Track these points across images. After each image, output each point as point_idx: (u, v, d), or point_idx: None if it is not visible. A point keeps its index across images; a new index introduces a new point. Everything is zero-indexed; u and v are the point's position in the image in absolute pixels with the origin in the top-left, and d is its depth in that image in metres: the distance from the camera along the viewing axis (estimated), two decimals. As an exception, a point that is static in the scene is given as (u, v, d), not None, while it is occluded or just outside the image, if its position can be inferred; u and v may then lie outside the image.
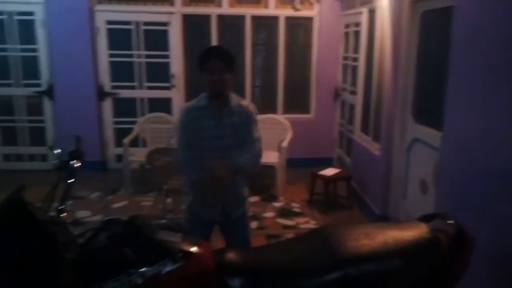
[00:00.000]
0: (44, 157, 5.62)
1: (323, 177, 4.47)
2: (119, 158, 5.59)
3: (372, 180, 4.27)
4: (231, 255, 1.54)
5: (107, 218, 1.38)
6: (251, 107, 2.52)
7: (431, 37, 3.46)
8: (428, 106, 3.50)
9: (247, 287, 1.46)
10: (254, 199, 4.76)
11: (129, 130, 5.32)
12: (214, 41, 5.52)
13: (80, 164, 1.64)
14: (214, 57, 2.34)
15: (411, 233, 1.48)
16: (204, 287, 1.43)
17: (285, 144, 4.88)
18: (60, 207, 1.51)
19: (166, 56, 5.55)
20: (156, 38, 5.51)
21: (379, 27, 4.21)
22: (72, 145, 1.70)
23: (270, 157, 4.95)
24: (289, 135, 5.05)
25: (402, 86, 3.74)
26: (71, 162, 1.63)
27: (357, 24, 4.90)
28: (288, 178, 5.12)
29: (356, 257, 1.41)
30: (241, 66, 5.69)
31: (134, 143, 5.35)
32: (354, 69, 5.07)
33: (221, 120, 2.40)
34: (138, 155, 4.99)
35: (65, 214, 1.48)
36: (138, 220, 1.34)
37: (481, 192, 2.41)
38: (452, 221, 1.51)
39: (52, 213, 1.51)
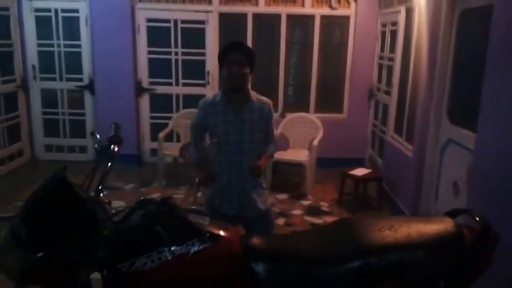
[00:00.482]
0: (83, 149, 5.88)
1: (354, 177, 4.45)
2: (154, 152, 5.77)
3: (404, 181, 4.22)
4: (256, 241, 1.59)
5: (142, 198, 1.46)
6: (270, 103, 2.59)
7: (469, 36, 3.38)
8: (464, 107, 3.42)
9: (271, 272, 1.50)
10: (282, 196, 4.80)
11: (164, 125, 5.48)
12: (249, 40, 5.60)
13: (118, 148, 1.75)
14: (234, 50, 2.38)
15: (435, 226, 1.48)
16: (229, 269, 1.49)
17: (315, 142, 4.89)
18: (99, 188, 1.61)
19: (202, 54, 5.68)
20: (193, 36, 5.65)
21: (416, 26, 4.15)
22: (111, 131, 1.81)
23: (300, 155, 4.98)
24: (320, 134, 5.05)
25: (438, 86, 3.67)
26: (111, 147, 1.73)
27: (394, 23, 4.85)
28: (317, 177, 5.12)
29: (378, 247, 1.42)
30: (275, 65, 5.74)
31: (169, 137, 5.50)
32: (390, 68, 5.01)
33: (240, 115, 2.45)
34: (172, 149, 5.14)
35: (103, 194, 1.57)
36: (170, 201, 1.42)
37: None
38: (478, 217, 1.50)
39: (92, 194, 1.62)
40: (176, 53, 5.66)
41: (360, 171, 4.54)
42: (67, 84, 5.76)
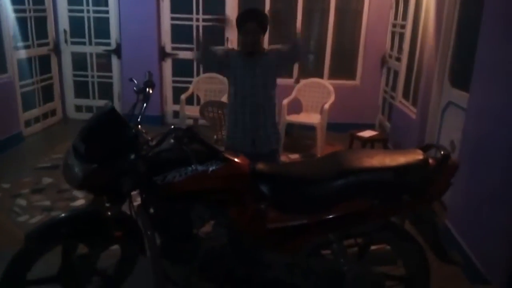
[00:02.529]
0: (111, 109, 6.31)
1: (361, 138, 4.77)
2: (176, 114, 6.17)
3: (407, 141, 4.52)
4: (262, 166, 1.97)
5: (172, 126, 1.85)
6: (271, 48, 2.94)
7: (472, 5, 3.60)
8: (464, 71, 3.67)
9: (273, 190, 1.89)
10: (294, 156, 5.15)
11: (185, 89, 5.85)
12: (267, 7, 5.85)
13: (152, 91, 2.13)
14: (250, 20, 2.68)
15: (406, 156, 1.83)
16: (239, 185, 1.88)
17: (326, 106, 5.18)
18: (138, 121, 2.00)
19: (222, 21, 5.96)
20: (214, 2, 5.92)
21: (426, -5, 4.35)
22: (146, 77, 2.19)
23: (312, 118, 5.30)
24: (331, 99, 5.34)
25: (442, 52, 3.91)
26: (146, 89, 2.11)
27: (407, -8, 5.03)
28: (328, 139, 5.43)
29: (356, 169, 1.79)
30: (292, 31, 5.97)
31: (190, 101, 5.87)
32: (401, 36, 5.22)
33: (255, 62, 2.79)
34: (192, 111, 5.51)
35: (140, 125, 1.96)
36: (194, 129, 1.80)
37: (499, 146, 2.67)
38: (442, 150, 1.84)
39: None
40: (198, 20, 5.96)
41: (367, 133, 4.85)
42: (95, 48, 6.16)
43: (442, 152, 1.82)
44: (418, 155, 1.82)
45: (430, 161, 1.82)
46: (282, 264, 1.94)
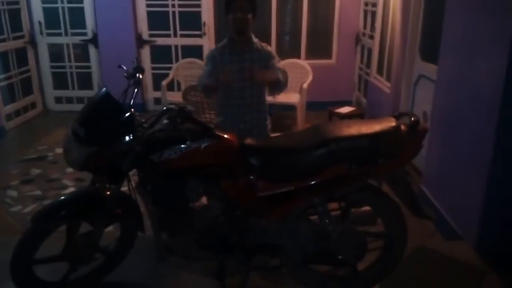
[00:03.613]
0: (92, 99, 6.33)
1: (338, 114, 4.98)
2: (157, 101, 6.24)
3: (382, 115, 4.72)
4: (250, 140, 2.13)
5: (165, 107, 1.97)
6: (269, 50, 2.83)
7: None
8: (433, 44, 3.88)
9: (261, 161, 2.05)
10: (275, 135, 5.31)
11: (165, 75, 5.91)
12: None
13: (142, 76, 2.24)
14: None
15: (381, 123, 2.01)
16: (230, 159, 2.04)
17: (305, 85, 5.35)
18: (131, 104, 2.12)
19: (198, 6, 6.00)
20: (189, -13, 5.97)
21: (395, -28, 4.52)
22: (134, 63, 2.30)
23: (291, 97, 5.46)
24: (309, 78, 5.51)
25: (412, 27, 4.11)
26: (136, 75, 2.23)
27: (377, -29, 5.18)
28: (308, 118, 5.60)
29: (336, 137, 1.97)
30: (268, 14, 6.09)
31: (170, 87, 5.94)
32: (373, 14, 5.40)
33: (242, 55, 2.74)
34: (174, 97, 5.59)
35: (133, 109, 2.08)
36: (186, 109, 1.93)
37: (466, 113, 2.89)
38: (413, 117, 2.03)
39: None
40: (173, 5, 6.00)
41: (345, 109, 5.05)
42: (72, 38, 6.13)
43: (412, 119, 2.01)
44: (391, 122, 2.01)
45: (402, 127, 2.01)
46: (272, 228, 2.12)
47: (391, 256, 2.27)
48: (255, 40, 2.84)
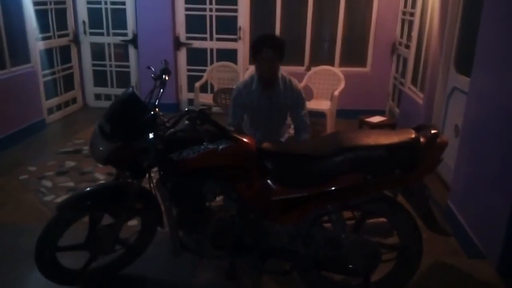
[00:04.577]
0: (128, 98, 6.56)
1: (369, 123, 4.91)
2: (190, 102, 6.38)
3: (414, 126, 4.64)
4: (267, 145, 2.17)
5: (187, 108, 2.05)
6: (298, 87, 2.92)
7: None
8: (468, 57, 3.77)
9: (276, 166, 2.09)
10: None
11: (199, 77, 6.05)
12: (278, -4, 6.00)
13: (168, 77, 2.33)
14: (265, 47, 2.69)
15: (400, 135, 1.99)
16: (246, 162, 2.08)
17: (336, 93, 5.32)
18: (156, 104, 2.21)
19: (235, 10, 6.11)
20: (227, -7, 6.09)
21: (433, -18, 4.44)
22: (162, 65, 2.39)
23: (322, 104, 5.45)
24: (341, 86, 5.47)
25: (448, 38, 4.02)
26: (163, 76, 2.32)
27: (416, -20, 5.10)
28: (339, 126, 5.56)
29: (353, 146, 1.97)
30: (303, 20, 6.11)
31: (204, 89, 6.07)
32: (411, 23, 5.31)
33: (270, 100, 2.85)
34: (206, 99, 5.71)
35: (157, 109, 2.17)
36: (206, 110, 1.99)
37: (497, 130, 2.81)
38: (433, 129, 2.00)
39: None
40: (211, 10, 6.13)
41: (376, 119, 4.99)
42: (113, 38, 6.39)
43: (432, 131, 1.99)
44: (410, 134, 1.99)
45: (422, 139, 1.98)
46: (285, 233, 2.14)
47: (405, 269, 2.24)
48: (283, 76, 2.89)
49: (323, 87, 5.77)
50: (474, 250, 2.90)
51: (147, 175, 2.21)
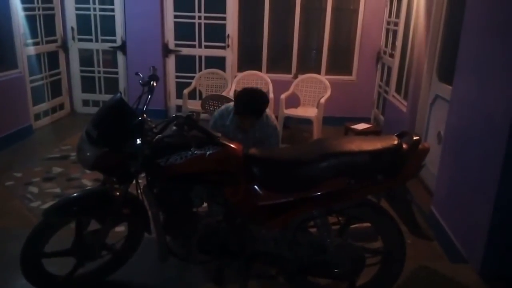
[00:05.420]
0: (116, 104, 6.56)
1: (354, 130, 5.00)
2: (179, 108, 6.39)
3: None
4: (254, 150, 2.21)
5: (174, 115, 2.08)
6: (274, 122, 3.00)
7: (457, 2, 3.80)
8: (450, 66, 3.88)
9: (263, 171, 2.12)
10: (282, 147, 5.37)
11: (188, 84, 6.08)
12: (266, 5, 6.07)
13: (156, 84, 2.35)
14: (247, 113, 2.79)
15: (382, 141, 2.05)
16: (233, 167, 2.11)
17: (322, 100, 5.40)
18: (144, 110, 2.23)
19: (223, 19, 6.16)
20: (215, 1, 6.12)
21: (417, -7, 4.56)
22: (150, 71, 2.41)
23: (308, 111, 5.53)
24: (328, 93, 5.56)
25: (430, 48, 4.12)
26: (151, 82, 2.34)
27: (400, -10, 5.23)
28: (325, 132, 5.65)
29: (337, 152, 2.02)
30: (290, 28, 6.20)
31: (192, 95, 6.10)
32: (395, 33, 5.43)
33: (246, 134, 2.93)
34: (194, 105, 5.74)
35: (145, 115, 2.19)
36: (193, 117, 2.03)
37: (478, 136, 2.89)
38: (415, 136, 2.06)
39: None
40: (200, 17, 6.18)
41: (360, 126, 5.07)
42: (102, 45, 6.39)
43: (414, 138, 2.05)
44: (393, 141, 2.04)
45: (404, 145, 2.04)
46: (271, 237, 2.18)
47: (388, 273, 2.28)
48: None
49: (309, 95, 5.85)
50: (457, 254, 2.96)
51: (134, 181, 2.23)
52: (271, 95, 5.44)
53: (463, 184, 3.03)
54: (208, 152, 2.05)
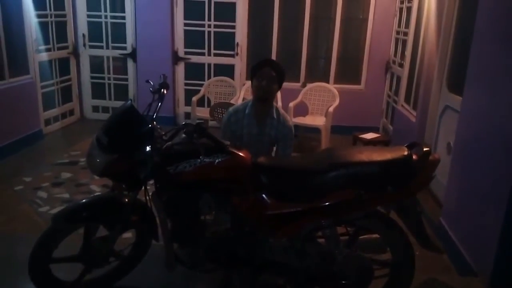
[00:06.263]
0: (125, 110, 6.61)
1: (363, 140, 4.97)
2: (188, 115, 6.43)
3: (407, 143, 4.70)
4: (262, 159, 2.21)
5: (184, 122, 2.09)
6: (290, 123, 2.82)
7: (468, 13, 3.79)
8: (460, 76, 3.86)
9: (271, 180, 2.12)
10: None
11: (197, 92, 6.11)
12: (276, 14, 6.10)
13: (166, 91, 2.37)
14: (267, 65, 2.68)
15: (392, 152, 2.04)
16: (242, 176, 2.11)
17: (331, 109, 5.40)
18: (153, 117, 2.25)
19: (232, 27, 6.20)
20: (225, 10, 6.18)
21: (427, 4, 4.55)
22: (161, 79, 2.43)
23: (317, 120, 5.53)
24: (336, 102, 5.55)
25: (440, 58, 4.11)
26: (161, 90, 2.36)
27: (410, 0, 5.23)
28: (333, 142, 5.63)
29: (346, 162, 2.01)
30: (300, 37, 6.23)
31: (201, 103, 6.13)
32: (404, 42, 5.42)
33: (263, 129, 2.77)
34: (203, 113, 5.76)
35: (155, 122, 2.21)
36: (203, 124, 2.03)
37: (488, 147, 2.86)
38: (425, 147, 2.05)
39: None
40: (209, 26, 6.23)
41: (369, 135, 5.05)
42: (112, 52, 6.46)
43: (424, 149, 2.04)
44: (403, 151, 2.03)
45: (414, 157, 2.03)
46: (279, 247, 2.17)
47: (397, 286, 2.26)
48: (277, 108, 2.85)
49: (318, 103, 5.85)
50: (466, 267, 2.92)
51: (143, 188, 2.24)
52: (279, 103, 5.45)
53: (473, 195, 3.00)
54: (217, 160, 2.06)
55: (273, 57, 6.29)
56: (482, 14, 3.06)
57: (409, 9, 5.29)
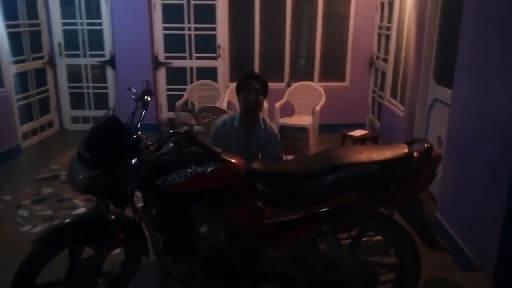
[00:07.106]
0: (107, 119, 6.41)
1: (352, 137, 4.90)
2: (171, 121, 6.26)
3: (396, 138, 4.65)
4: (257, 165, 2.09)
5: (172, 131, 1.95)
6: (276, 131, 2.91)
7: (452, 3, 3.75)
8: (448, 68, 3.81)
9: (267, 187, 2.01)
10: (288, 158, 5.25)
11: (180, 97, 5.96)
12: (257, 13, 6.00)
13: (150, 99, 2.24)
14: (253, 79, 2.75)
15: (392, 150, 1.95)
16: (236, 184, 1.99)
17: (318, 108, 5.32)
18: (138, 127, 2.11)
19: (213, 29, 6.07)
20: (205, 12, 6.04)
21: (409, -3, 4.52)
22: (144, 86, 2.30)
23: (303, 120, 5.44)
24: (322, 101, 5.47)
25: (426, 51, 4.06)
26: (144, 97, 2.22)
27: (391, -6, 5.19)
28: (321, 140, 5.54)
29: (345, 163, 1.91)
30: (282, 36, 6.14)
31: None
32: (387, 37, 5.38)
33: (251, 139, 2.81)
34: (187, 117, 5.61)
35: (140, 132, 2.07)
36: (191, 132, 1.91)
37: (481, 139, 2.81)
38: (426, 144, 1.96)
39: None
40: (189, 29, 6.09)
41: (358, 132, 4.98)
42: (90, 60, 6.26)
43: (425, 145, 1.95)
44: (403, 149, 1.95)
45: (415, 154, 1.94)
46: (279, 257, 2.06)
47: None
48: (264, 118, 2.90)
49: (304, 103, 5.77)
50: (467, 263, 2.86)
51: (130, 203, 2.10)
52: (265, 105, 5.33)
53: (470, 188, 2.94)
54: (209, 169, 1.94)
55: (256, 57, 6.20)
56: (469, 5, 3.01)
57: (391, 3, 5.25)
